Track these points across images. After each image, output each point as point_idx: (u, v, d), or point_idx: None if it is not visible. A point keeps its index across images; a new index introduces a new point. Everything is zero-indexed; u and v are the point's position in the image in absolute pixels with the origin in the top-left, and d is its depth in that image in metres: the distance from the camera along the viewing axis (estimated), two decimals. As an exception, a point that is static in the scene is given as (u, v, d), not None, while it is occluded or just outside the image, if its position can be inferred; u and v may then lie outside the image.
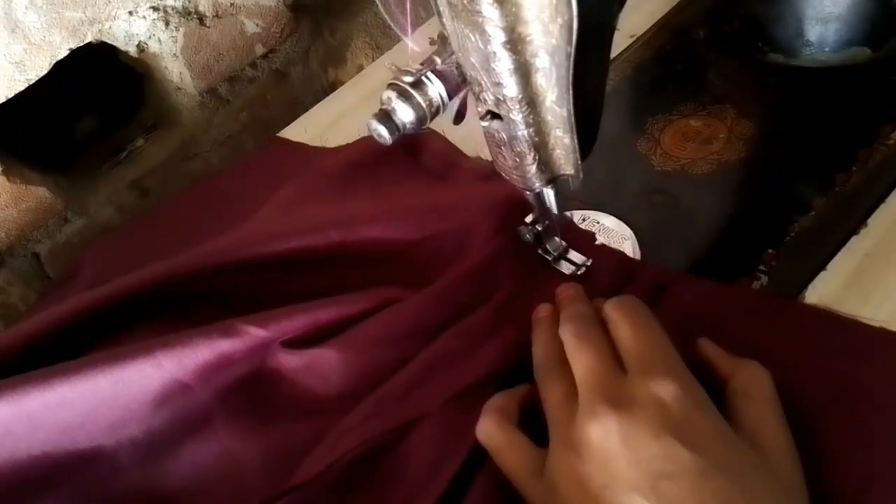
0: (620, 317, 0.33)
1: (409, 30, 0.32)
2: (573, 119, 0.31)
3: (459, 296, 0.41)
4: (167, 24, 0.62)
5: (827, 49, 0.51)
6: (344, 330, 0.39)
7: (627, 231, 0.45)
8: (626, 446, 0.28)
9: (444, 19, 0.29)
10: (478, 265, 0.42)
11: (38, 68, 0.57)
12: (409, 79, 0.32)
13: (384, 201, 0.49)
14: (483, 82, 0.31)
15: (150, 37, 0.62)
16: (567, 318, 0.35)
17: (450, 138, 0.54)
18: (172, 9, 0.62)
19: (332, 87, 0.78)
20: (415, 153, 0.54)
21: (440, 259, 0.44)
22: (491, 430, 0.33)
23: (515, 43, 0.28)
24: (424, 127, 0.33)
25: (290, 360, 0.39)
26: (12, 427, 0.36)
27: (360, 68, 0.80)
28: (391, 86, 0.33)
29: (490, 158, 0.37)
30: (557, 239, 0.43)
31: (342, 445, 0.34)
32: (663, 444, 0.28)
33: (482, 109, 0.33)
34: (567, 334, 0.34)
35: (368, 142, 0.54)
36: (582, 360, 0.32)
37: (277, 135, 0.66)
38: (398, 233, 0.46)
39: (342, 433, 0.35)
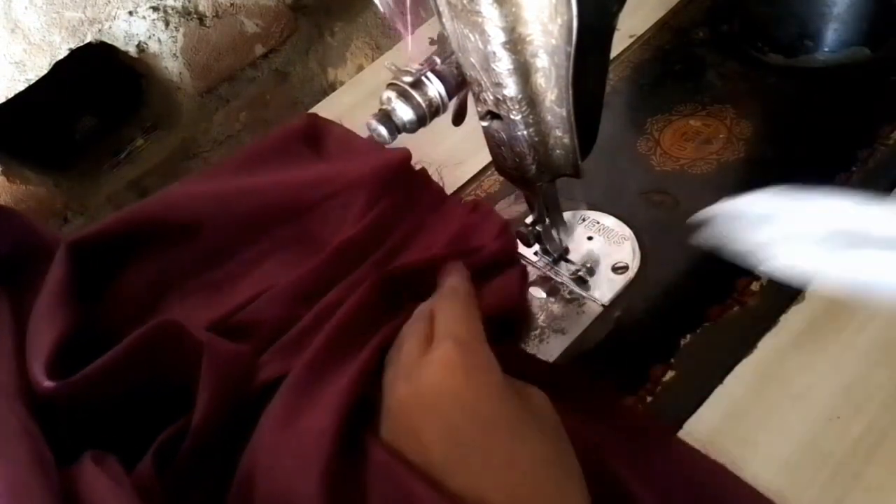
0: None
1: (409, 30, 0.32)
2: (573, 119, 0.31)
3: (344, 260, 0.45)
4: (167, 24, 0.63)
5: (827, 49, 0.51)
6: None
7: (627, 231, 0.45)
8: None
9: (444, 19, 0.29)
10: (360, 232, 0.46)
11: (38, 68, 0.57)
12: (408, 79, 0.32)
13: (276, 176, 0.52)
14: (483, 82, 0.31)
15: (149, 37, 0.62)
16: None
17: (450, 138, 0.54)
18: (172, 9, 0.62)
19: (332, 87, 0.78)
20: (316, 142, 0.57)
21: (329, 224, 0.49)
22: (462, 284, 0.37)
23: (515, 43, 0.28)
24: (424, 127, 0.33)
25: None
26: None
27: (360, 68, 0.80)
28: (391, 86, 0.33)
29: (490, 158, 0.37)
30: (557, 239, 0.43)
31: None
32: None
33: (482, 109, 0.33)
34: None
35: (274, 133, 0.56)
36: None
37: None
38: (289, 200, 0.49)
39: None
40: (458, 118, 0.35)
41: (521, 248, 0.45)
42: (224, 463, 0.35)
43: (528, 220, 0.42)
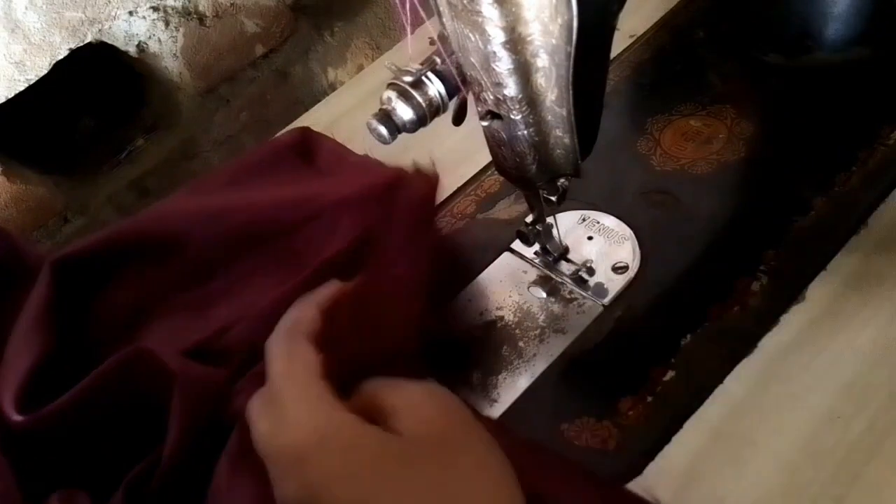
0: None
1: (409, 30, 0.32)
2: (573, 119, 0.31)
3: (323, 282, 0.43)
4: (167, 24, 0.63)
5: (827, 49, 0.51)
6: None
7: (627, 231, 0.45)
8: None
9: (444, 19, 0.30)
10: (339, 253, 0.45)
11: (39, 68, 0.57)
12: (409, 79, 0.32)
13: (263, 194, 0.52)
14: (483, 82, 0.31)
15: (150, 37, 0.62)
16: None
17: (450, 138, 0.54)
18: (172, 9, 0.62)
19: (332, 87, 0.78)
20: (308, 156, 0.56)
21: (313, 244, 0.48)
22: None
23: (515, 43, 0.28)
24: (424, 127, 0.33)
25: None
26: None
27: (360, 68, 0.80)
28: (391, 86, 0.33)
29: (490, 158, 0.37)
30: (557, 239, 0.43)
31: None
32: None
33: (482, 109, 0.33)
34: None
35: (265, 146, 0.56)
36: None
37: (277, 135, 0.66)
38: (274, 219, 0.49)
39: None
40: (458, 118, 0.35)
41: (522, 248, 0.46)
42: (196, 495, 0.35)
43: (528, 219, 0.42)
